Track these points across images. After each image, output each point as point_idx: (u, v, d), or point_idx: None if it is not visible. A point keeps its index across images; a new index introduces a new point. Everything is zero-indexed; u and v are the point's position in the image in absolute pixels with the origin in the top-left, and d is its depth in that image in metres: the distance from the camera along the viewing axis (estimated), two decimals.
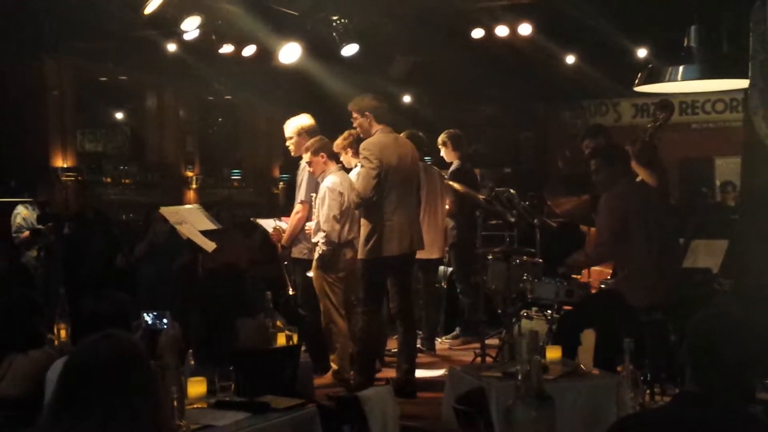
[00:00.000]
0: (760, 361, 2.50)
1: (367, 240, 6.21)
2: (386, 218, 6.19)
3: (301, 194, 6.90)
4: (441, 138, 8.31)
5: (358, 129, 6.51)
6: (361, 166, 6.29)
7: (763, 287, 5.02)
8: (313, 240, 6.63)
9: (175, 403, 3.27)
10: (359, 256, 6.30)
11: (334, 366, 6.57)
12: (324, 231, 6.51)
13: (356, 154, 6.72)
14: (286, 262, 7.11)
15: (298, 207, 6.86)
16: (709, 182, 13.15)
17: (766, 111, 4.66)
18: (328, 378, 6.54)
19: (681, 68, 5.87)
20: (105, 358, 2.33)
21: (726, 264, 5.93)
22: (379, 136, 6.33)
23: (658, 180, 6.18)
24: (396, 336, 7.70)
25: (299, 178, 6.99)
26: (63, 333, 4.93)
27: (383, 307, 6.79)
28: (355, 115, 6.43)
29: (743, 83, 5.21)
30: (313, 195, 6.69)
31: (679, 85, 6.13)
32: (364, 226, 6.26)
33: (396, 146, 6.36)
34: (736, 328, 2.47)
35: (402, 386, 6.02)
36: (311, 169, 6.74)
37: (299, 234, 6.85)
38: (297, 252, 6.91)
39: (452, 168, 8.18)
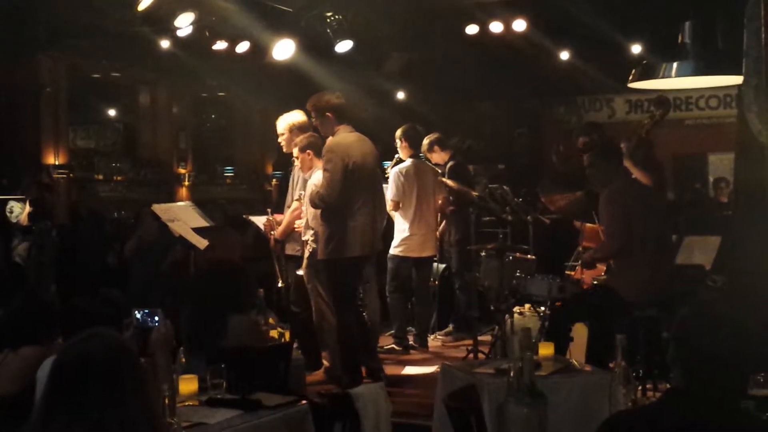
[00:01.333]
0: (749, 356, 2.48)
1: (328, 240, 6.06)
2: (350, 218, 6.05)
3: (298, 190, 6.86)
4: (424, 145, 8.01)
5: (319, 128, 6.29)
6: (324, 168, 6.09)
7: (756, 284, 5.01)
8: (303, 238, 6.58)
9: (167, 401, 3.25)
10: (320, 257, 6.14)
11: (326, 363, 6.55)
12: (312, 229, 6.42)
13: None
14: (278, 256, 7.06)
15: (295, 204, 6.80)
16: (703, 178, 13.17)
17: (759, 107, 4.64)
18: (320, 375, 6.51)
19: (675, 64, 5.85)
20: (95, 357, 2.27)
21: (719, 260, 5.92)
22: (342, 135, 6.16)
23: (653, 177, 6.16)
24: (388, 333, 7.72)
25: (295, 175, 6.95)
26: None
27: (377, 303, 6.79)
28: (314, 114, 6.24)
29: (737, 79, 5.19)
30: (302, 193, 6.65)
31: (673, 81, 6.12)
32: (324, 226, 6.10)
33: (359, 145, 6.20)
34: (721, 324, 2.46)
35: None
36: (299, 166, 6.71)
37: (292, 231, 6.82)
38: (290, 249, 6.88)
39: (449, 165, 8.08)
